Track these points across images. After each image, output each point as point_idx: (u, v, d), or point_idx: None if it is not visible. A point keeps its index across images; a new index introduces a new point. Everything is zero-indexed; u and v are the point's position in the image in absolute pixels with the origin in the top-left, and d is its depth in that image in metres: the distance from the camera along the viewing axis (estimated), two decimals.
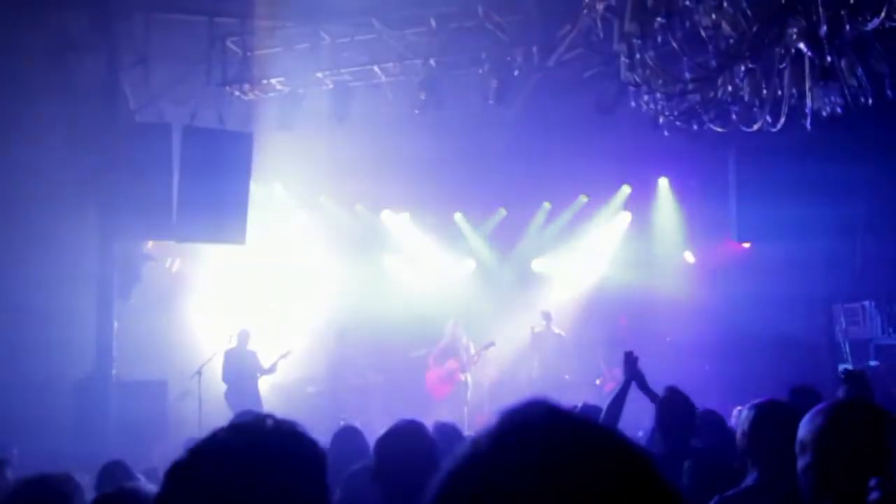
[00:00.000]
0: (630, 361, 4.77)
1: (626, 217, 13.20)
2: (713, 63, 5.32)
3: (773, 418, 3.24)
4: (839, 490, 2.19)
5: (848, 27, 4.77)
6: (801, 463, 2.29)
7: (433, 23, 9.10)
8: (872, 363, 10.42)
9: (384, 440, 2.99)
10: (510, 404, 0.90)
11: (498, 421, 0.88)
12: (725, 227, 11.19)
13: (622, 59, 5.55)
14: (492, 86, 9.15)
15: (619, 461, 0.85)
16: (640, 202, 13.07)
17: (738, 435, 3.26)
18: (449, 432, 4.33)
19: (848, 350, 10.88)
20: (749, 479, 3.07)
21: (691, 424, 4.34)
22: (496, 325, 12.45)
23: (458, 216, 13.24)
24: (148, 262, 10.11)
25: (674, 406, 4.31)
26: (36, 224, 8.68)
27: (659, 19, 4.96)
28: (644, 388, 4.81)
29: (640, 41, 5.11)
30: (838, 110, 5.24)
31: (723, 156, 10.81)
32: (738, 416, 3.81)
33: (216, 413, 9.19)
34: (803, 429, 2.30)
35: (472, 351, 11.56)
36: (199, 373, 10.15)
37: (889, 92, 5.88)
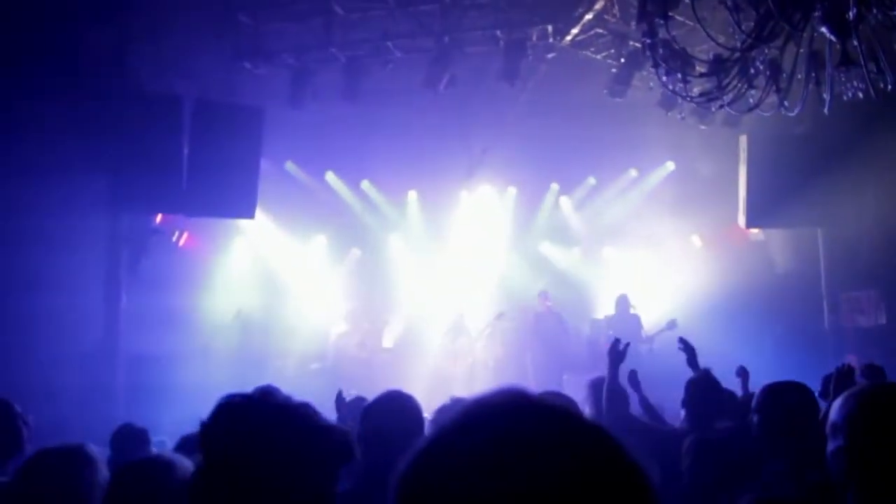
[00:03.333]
0: (614, 350, 4.70)
1: (634, 199, 13.17)
2: (736, 45, 5.27)
3: (789, 400, 3.22)
4: (869, 473, 2.19)
5: (875, 11, 4.73)
6: (831, 446, 2.28)
7: None
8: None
9: (370, 409, 2.97)
10: (480, 392, 0.90)
11: (465, 408, 0.89)
12: (733, 213, 11.17)
13: (643, 39, 5.50)
14: (505, 65, 9.08)
15: (583, 445, 0.85)
16: (647, 185, 13.05)
17: (755, 421, 3.24)
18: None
19: (851, 338, 10.89)
20: (775, 465, 3.06)
21: (718, 407, 4.33)
22: (503, 303, 12.47)
23: (464, 195, 13.21)
24: (156, 235, 10.08)
25: (702, 388, 4.30)
26: (44, 196, 8.64)
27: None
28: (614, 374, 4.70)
29: (662, 21, 5.07)
30: (860, 95, 5.21)
31: (733, 141, 10.77)
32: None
33: (224, 387, 9.21)
34: (836, 412, 2.30)
35: (481, 326, 11.58)
36: (205, 347, 10.20)
37: None
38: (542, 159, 12.22)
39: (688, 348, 5.28)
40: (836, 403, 2.31)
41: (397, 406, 2.95)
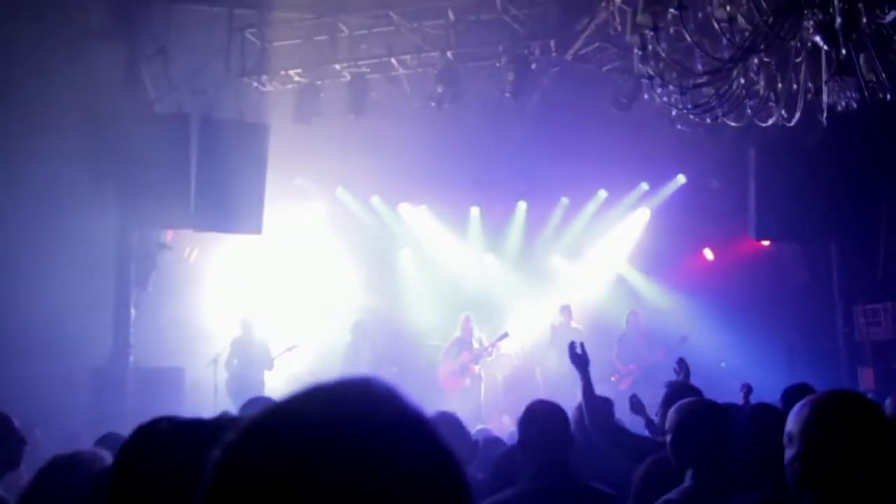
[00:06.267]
0: (573, 353, 4.68)
1: (645, 213, 13.12)
2: (727, 56, 5.25)
3: (698, 419, 3.21)
4: (824, 480, 2.17)
5: (864, 20, 4.70)
6: (788, 454, 2.27)
7: (451, 15, 9.11)
8: None
9: None
10: (334, 377, 0.89)
11: (297, 393, 0.87)
12: (745, 225, 11.08)
13: (635, 51, 5.51)
14: (509, 79, 9.12)
15: (401, 441, 0.83)
16: (659, 199, 13.00)
17: (667, 440, 3.23)
18: (448, 421, 4.33)
19: (867, 351, 10.73)
20: (684, 483, 3.05)
21: None
22: (513, 319, 12.43)
23: (474, 210, 13.22)
24: (165, 250, 10.20)
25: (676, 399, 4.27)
26: (54, 212, 8.79)
27: (672, 10, 4.91)
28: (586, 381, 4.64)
29: (652, 33, 5.07)
30: (854, 105, 5.16)
31: (743, 153, 10.70)
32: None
33: (230, 401, 9.28)
34: (791, 421, 2.29)
35: (486, 343, 11.53)
36: (214, 361, 10.25)
37: None
38: (552, 173, 12.20)
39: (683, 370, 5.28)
40: (792, 412, 2.29)
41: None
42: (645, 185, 13.07)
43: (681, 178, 12.85)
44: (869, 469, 2.09)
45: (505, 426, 9.56)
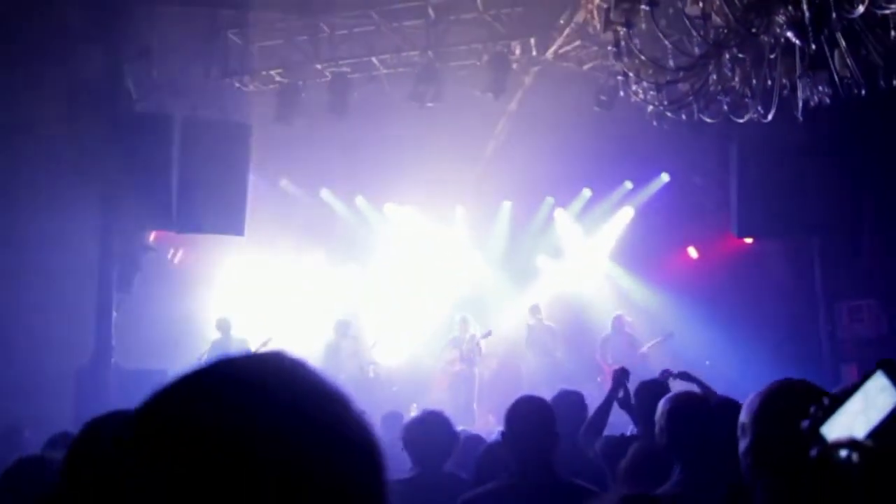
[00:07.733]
0: (619, 379, 4.83)
1: (629, 212, 13.14)
2: (699, 52, 5.27)
3: (688, 412, 3.24)
4: (776, 470, 2.18)
5: (834, 15, 4.72)
6: (741, 445, 2.29)
7: (431, 14, 9.11)
8: None
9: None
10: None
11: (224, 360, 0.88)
12: (728, 223, 11.10)
13: (609, 47, 5.53)
14: (490, 78, 9.13)
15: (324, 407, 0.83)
16: (643, 197, 13.03)
17: (657, 430, 3.25)
18: (435, 419, 4.35)
19: (850, 347, 10.77)
20: (673, 477, 3.06)
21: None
22: (499, 318, 12.45)
23: (459, 209, 13.23)
24: (149, 252, 10.15)
25: (652, 394, 4.29)
26: (37, 213, 8.75)
27: (644, 7, 4.93)
28: (626, 405, 4.81)
29: (625, 29, 5.08)
30: (826, 100, 5.19)
31: (725, 150, 10.72)
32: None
33: None
34: (743, 413, 2.31)
35: (478, 336, 11.57)
36: (198, 363, 10.21)
37: (882, 83, 5.81)
38: (537, 173, 12.21)
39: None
40: (745, 404, 2.31)
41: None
42: (629, 184, 13.10)
43: (664, 177, 12.88)
44: None
45: (491, 425, 9.57)
